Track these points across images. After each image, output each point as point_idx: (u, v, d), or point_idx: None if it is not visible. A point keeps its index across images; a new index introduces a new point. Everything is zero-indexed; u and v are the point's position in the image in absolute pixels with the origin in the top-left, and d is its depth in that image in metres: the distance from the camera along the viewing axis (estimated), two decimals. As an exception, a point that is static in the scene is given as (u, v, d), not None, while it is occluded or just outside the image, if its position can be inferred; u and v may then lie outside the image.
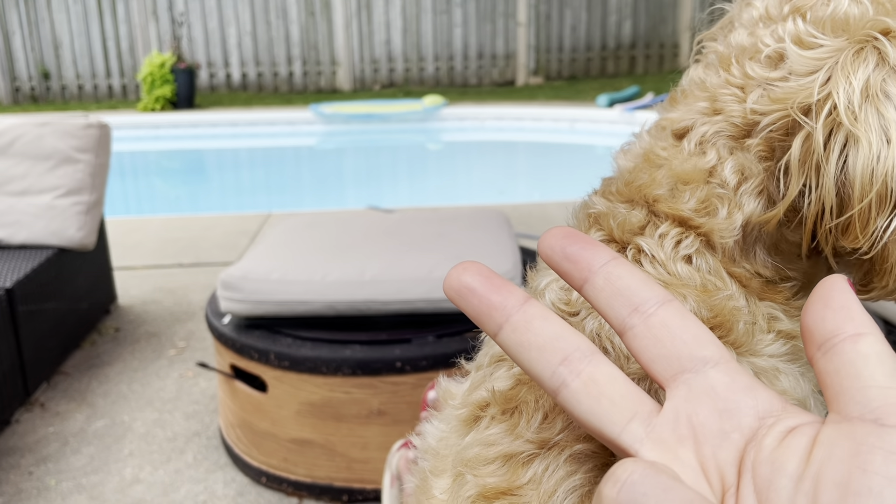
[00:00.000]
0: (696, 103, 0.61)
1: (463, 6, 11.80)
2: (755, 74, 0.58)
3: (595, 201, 0.62)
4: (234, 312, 2.17)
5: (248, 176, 8.51)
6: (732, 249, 0.58)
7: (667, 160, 0.60)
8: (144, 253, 4.42)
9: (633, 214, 0.58)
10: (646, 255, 0.56)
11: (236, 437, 2.29)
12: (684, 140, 0.61)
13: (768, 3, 0.60)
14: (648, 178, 0.60)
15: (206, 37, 11.50)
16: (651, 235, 0.57)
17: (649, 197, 0.59)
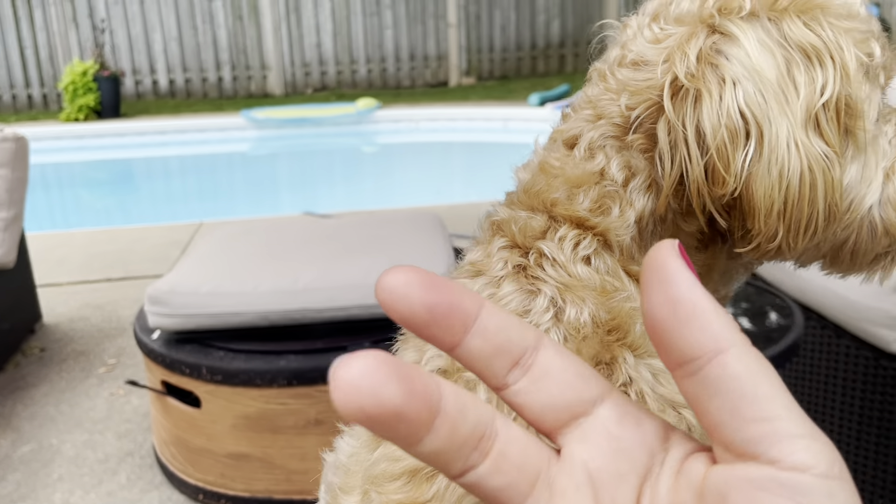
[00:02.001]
0: (581, 112, 0.64)
1: (393, 8, 11.77)
2: (623, 77, 0.62)
3: (498, 210, 0.64)
4: (164, 327, 2.11)
5: (179, 185, 8.31)
6: (630, 246, 0.60)
7: (561, 168, 0.63)
8: (70, 268, 4.27)
9: (534, 220, 0.60)
10: (547, 258, 0.58)
11: (171, 455, 2.23)
12: (575, 148, 0.63)
13: (637, 21, 0.66)
14: (546, 186, 0.62)
15: (130, 43, 11.18)
16: (552, 239, 0.59)
17: (547, 202, 0.61)
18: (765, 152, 0.55)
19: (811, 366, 2.16)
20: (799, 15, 0.58)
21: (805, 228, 0.57)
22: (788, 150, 0.55)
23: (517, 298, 0.56)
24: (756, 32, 0.57)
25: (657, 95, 0.59)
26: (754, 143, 0.55)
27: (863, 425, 1.98)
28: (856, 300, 1.98)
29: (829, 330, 2.09)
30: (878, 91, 0.63)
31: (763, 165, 0.55)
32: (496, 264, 0.59)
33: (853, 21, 0.61)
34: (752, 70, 0.56)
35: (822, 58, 0.57)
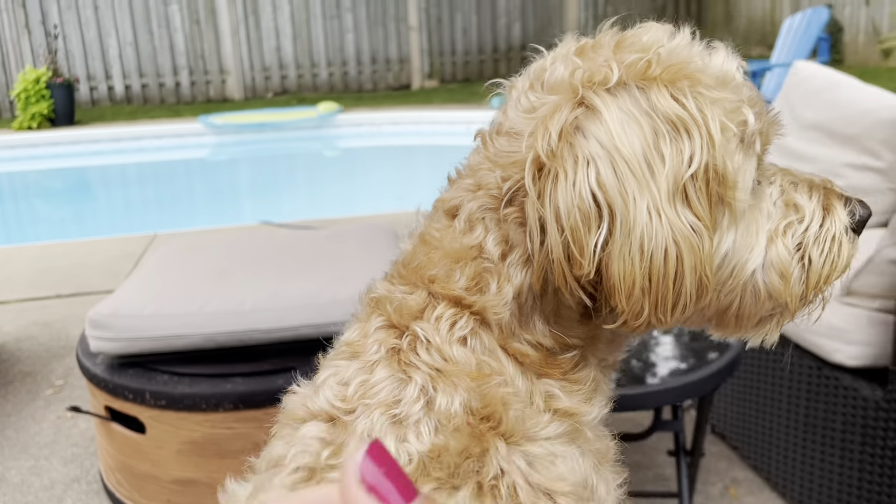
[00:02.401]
0: (464, 181, 0.63)
1: (353, 11, 11.71)
2: (498, 147, 0.62)
3: (377, 286, 0.63)
4: (106, 352, 2.06)
5: (136, 194, 8.17)
6: (510, 323, 0.59)
7: (440, 241, 0.62)
8: (19, 285, 4.16)
9: (412, 298, 0.59)
10: (421, 341, 0.57)
11: (117, 482, 2.18)
12: (455, 219, 0.62)
13: (521, 83, 0.65)
14: (426, 259, 0.60)
15: (85, 49, 10.97)
16: (428, 319, 0.58)
17: (426, 278, 0.60)
18: (619, 232, 0.54)
19: (757, 373, 2.19)
20: (668, 85, 0.57)
21: (673, 304, 0.56)
22: (650, 225, 0.54)
23: (388, 386, 0.55)
24: (621, 104, 0.56)
25: (523, 171, 0.58)
26: (607, 226, 0.54)
27: (808, 433, 2.01)
28: (798, 310, 2.01)
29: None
30: (754, 159, 0.62)
31: (617, 246, 0.54)
32: (371, 346, 0.58)
33: (725, 90, 0.60)
34: (611, 147, 0.55)
35: (689, 128, 0.56)
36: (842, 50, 10.48)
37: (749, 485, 2.21)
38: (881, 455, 1.79)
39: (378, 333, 0.59)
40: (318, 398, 0.57)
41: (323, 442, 0.54)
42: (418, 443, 0.53)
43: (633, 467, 2.31)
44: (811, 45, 6.87)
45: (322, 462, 0.53)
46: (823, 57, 7.22)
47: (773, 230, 0.64)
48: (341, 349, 0.61)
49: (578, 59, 0.61)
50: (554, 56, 0.65)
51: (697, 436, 1.86)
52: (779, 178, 0.67)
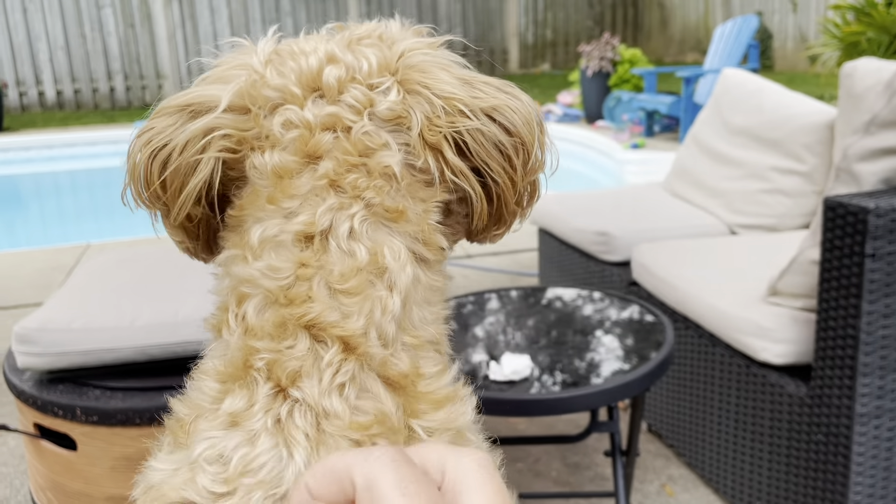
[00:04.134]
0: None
1: (293, 14, 11.62)
2: None
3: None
4: (34, 367, 1.99)
5: (70, 203, 7.92)
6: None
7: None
8: (-57, 299, 3.99)
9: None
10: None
11: (48, 501, 2.11)
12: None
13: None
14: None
15: (13, 53, 10.60)
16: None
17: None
18: None
19: (690, 372, 2.25)
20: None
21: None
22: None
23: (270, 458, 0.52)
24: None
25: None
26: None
27: (738, 429, 2.07)
28: (727, 310, 2.07)
29: (705, 339, 2.18)
30: None
31: None
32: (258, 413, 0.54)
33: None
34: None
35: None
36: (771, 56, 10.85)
37: (685, 482, 2.27)
38: (806, 449, 1.86)
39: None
40: (194, 484, 0.51)
41: None
42: None
43: (573, 468, 2.35)
44: (742, 51, 7.09)
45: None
46: (753, 63, 7.46)
47: None
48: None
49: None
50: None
51: (632, 436, 1.90)
52: None
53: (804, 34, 10.46)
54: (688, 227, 2.88)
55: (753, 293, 2.11)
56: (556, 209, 3.19)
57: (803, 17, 10.50)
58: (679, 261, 2.43)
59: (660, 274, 2.40)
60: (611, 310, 2.02)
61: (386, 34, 0.67)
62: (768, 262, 2.24)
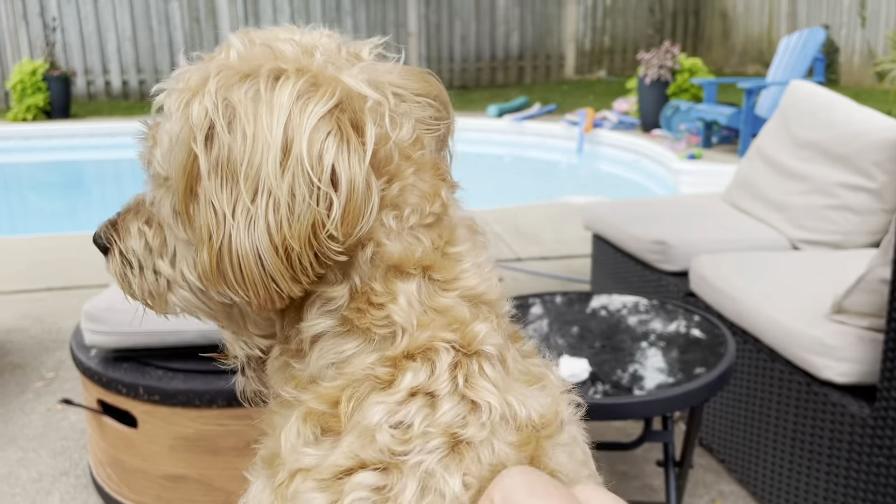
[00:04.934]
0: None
1: (353, 14, 11.74)
2: None
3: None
4: (100, 345, 2.06)
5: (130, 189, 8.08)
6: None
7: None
8: (10, 277, 4.15)
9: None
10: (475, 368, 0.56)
11: (106, 476, 2.18)
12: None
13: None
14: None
15: (83, 42, 10.95)
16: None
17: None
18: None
19: (747, 387, 2.21)
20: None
21: None
22: None
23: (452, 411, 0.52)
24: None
25: None
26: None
27: (795, 447, 2.03)
28: (790, 326, 2.03)
29: (764, 353, 2.14)
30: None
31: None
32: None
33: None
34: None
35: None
36: (837, 70, 10.58)
37: (735, 498, 2.23)
38: (866, 471, 1.81)
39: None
40: (375, 443, 0.51)
41: (379, 491, 0.50)
42: (492, 456, 0.51)
43: (621, 477, 2.33)
44: (807, 64, 6.93)
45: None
46: (819, 77, 7.29)
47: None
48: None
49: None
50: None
51: (687, 447, 1.88)
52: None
53: (872, 49, 10.17)
54: (748, 239, 2.83)
55: (817, 310, 2.06)
56: (611, 216, 3.16)
57: (872, 31, 10.21)
58: (740, 273, 2.39)
59: (719, 286, 2.37)
60: (670, 319, 2.00)
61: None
62: (832, 279, 2.19)
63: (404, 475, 0.50)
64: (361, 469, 0.50)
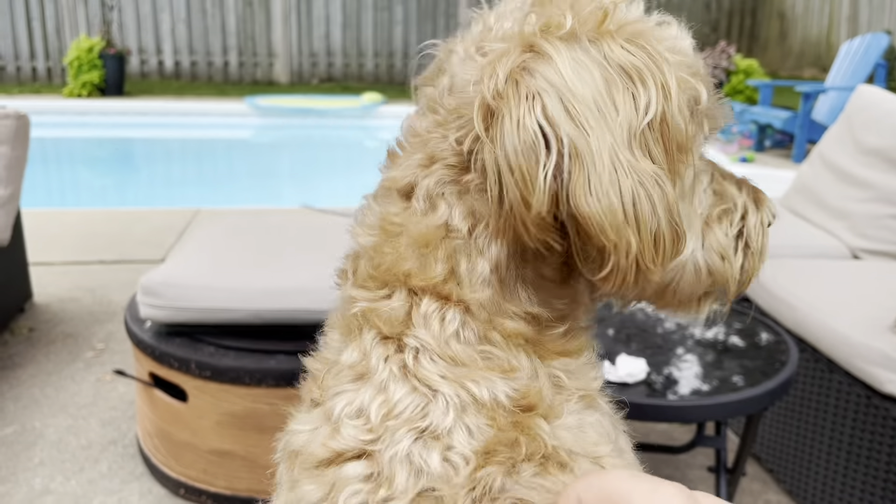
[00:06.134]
0: (412, 156, 0.60)
1: (404, 4, 11.75)
2: (449, 106, 0.58)
3: (354, 295, 0.59)
4: (155, 319, 2.09)
5: (179, 168, 8.27)
6: (493, 299, 0.57)
7: (403, 226, 0.58)
8: (64, 247, 4.24)
9: (395, 304, 0.56)
10: (422, 351, 0.55)
11: (154, 447, 2.21)
12: (413, 199, 0.59)
13: (465, 46, 0.61)
14: (394, 253, 0.58)
15: (139, 22, 11.14)
16: (419, 323, 0.56)
17: (401, 274, 0.57)
18: (585, 164, 0.51)
19: (801, 397, 2.16)
20: (623, 39, 0.55)
21: (655, 248, 0.53)
22: (612, 165, 0.51)
23: (412, 403, 0.53)
24: (572, 51, 0.54)
25: (480, 118, 0.54)
26: (558, 155, 0.51)
27: (850, 462, 1.97)
28: (850, 336, 1.98)
29: (821, 364, 2.08)
30: (702, 136, 0.62)
31: (586, 177, 0.51)
32: (377, 365, 0.55)
33: (680, 55, 0.59)
34: (560, 85, 0.52)
35: (643, 77, 0.54)
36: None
37: (783, 509, 2.18)
38: (927, 490, 1.75)
39: (378, 349, 0.56)
40: (340, 436, 0.53)
41: (369, 479, 0.52)
42: (468, 444, 0.51)
43: (665, 480, 2.29)
44: (868, 70, 6.74)
45: (379, 498, 0.51)
46: (880, 83, 7.08)
47: (707, 216, 0.65)
48: (343, 373, 0.57)
49: (531, 11, 0.58)
50: (501, 12, 0.62)
51: (741, 454, 1.84)
52: (709, 168, 0.68)
53: (936, 57, 9.84)
54: (806, 246, 2.76)
55: (879, 321, 2.00)
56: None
57: (937, 39, 9.89)
58: (799, 281, 2.33)
59: (777, 293, 2.31)
60: (730, 324, 1.96)
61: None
62: (895, 289, 2.13)
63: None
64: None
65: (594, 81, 0.53)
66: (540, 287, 0.59)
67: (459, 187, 0.57)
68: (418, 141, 0.61)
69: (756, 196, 0.70)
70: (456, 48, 0.62)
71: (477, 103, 0.53)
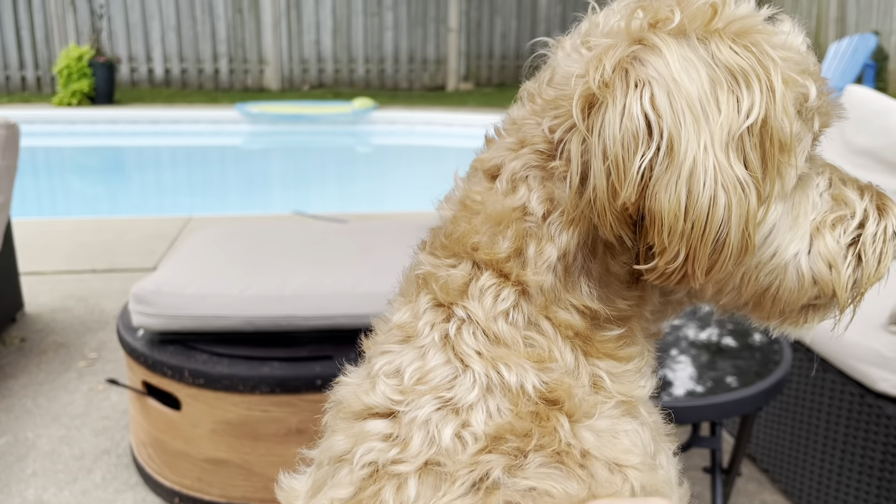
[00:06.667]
0: (505, 140, 0.62)
1: (394, 10, 11.76)
2: (547, 96, 0.60)
3: (422, 260, 0.61)
4: (147, 327, 2.08)
5: (170, 176, 8.25)
6: (554, 286, 0.57)
7: (482, 204, 0.60)
8: (55, 257, 4.22)
9: (457, 272, 0.58)
10: (468, 323, 0.56)
11: (148, 456, 2.20)
12: (497, 180, 0.60)
13: (571, 41, 0.63)
14: (468, 227, 0.59)
15: (128, 30, 11.11)
16: (473, 294, 0.57)
17: (469, 246, 0.59)
18: (668, 160, 0.51)
19: (796, 396, 2.16)
20: (731, 38, 0.55)
21: (711, 256, 0.53)
22: (702, 165, 0.51)
23: (443, 372, 0.55)
24: (681, 48, 0.54)
25: (580, 109, 0.55)
26: (656, 148, 0.51)
27: (845, 460, 1.98)
28: (844, 336, 1.98)
29: (815, 363, 2.09)
30: (810, 135, 0.60)
31: (666, 175, 0.51)
32: (423, 329, 0.57)
33: (790, 53, 0.58)
34: (669, 77, 0.52)
35: (749, 80, 0.54)
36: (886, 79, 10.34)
37: (778, 508, 2.18)
38: (921, 488, 1.76)
39: (428, 315, 0.58)
40: (374, 392, 0.56)
41: (388, 439, 0.54)
42: (482, 424, 0.53)
43: (661, 482, 2.29)
44: (857, 71, 6.79)
45: (388, 458, 0.53)
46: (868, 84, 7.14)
47: (819, 221, 0.63)
48: (392, 332, 0.60)
49: (638, 6, 0.59)
50: (609, 10, 0.63)
51: (736, 455, 1.84)
52: (827, 171, 0.66)
53: (923, 57, 9.91)
54: (798, 246, 2.77)
55: (872, 320, 2.01)
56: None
57: (924, 39, 9.95)
58: (791, 280, 2.34)
59: (769, 292, 2.32)
60: (723, 326, 1.96)
61: None
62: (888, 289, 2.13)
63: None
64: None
65: (700, 79, 0.53)
66: (605, 283, 0.59)
67: (544, 173, 0.58)
68: (513, 128, 0.62)
69: (881, 203, 0.67)
70: (564, 44, 0.64)
71: (578, 93, 0.55)
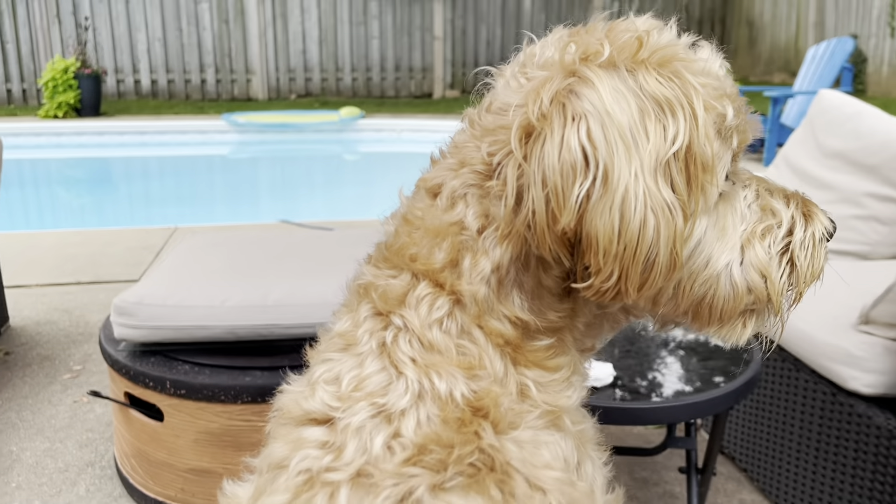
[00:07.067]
0: (447, 160, 0.66)
1: (380, 18, 11.80)
2: (485, 123, 0.64)
3: (364, 271, 0.65)
4: (129, 339, 2.10)
5: (157, 187, 8.24)
6: (487, 297, 0.61)
7: (422, 219, 0.64)
8: (40, 270, 4.22)
9: (396, 282, 0.61)
10: (404, 331, 0.59)
11: (131, 468, 2.21)
12: (438, 197, 0.65)
13: (510, 70, 0.67)
14: (408, 239, 0.63)
15: (114, 42, 11.10)
16: (410, 303, 0.60)
17: (408, 258, 0.62)
18: (602, 189, 0.55)
19: (770, 396, 2.20)
20: (656, 68, 0.59)
21: (642, 274, 0.57)
22: (633, 192, 0.55)
23: (377, 379, 0.58)
24: (611, 80, 0.58)
25: (517, 138, 0.59)
26: (592, 178, 0.55)
27: (819, 458, 2.02)
28: (814, 335, 2.02)
29: (788, 363, 2.13)
30: (729, 152, 0.64)
31: (606, 202, 0.55)
32: (362, 337, 0.60)
33: (708, 78, 0.62)
34: (602, 110, 0.56)
35: (674, 109, 0.58)
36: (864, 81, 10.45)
37: (756, 507, 2.22)
38: (892, 483, 1.80)
39: (367, 323, 0.61)
40: (313, 398, 0.59)
41: (324, 446, 0.56)
42: (412, 433, 0.55)
43: (641, 483, 2.32)
44: (835, 74, 6.86)
45: (323, 466, 0.55)
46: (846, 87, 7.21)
47: (749, 232, 0.66)
48: (333, 340, 0.63)
49: (570, 40, 0.63)
50: (544, 42, 0.67)
51: (710, 454, 1.87)
52: (753, 184, 0.70)
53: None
54: (774, 249, 2.81)
55: (843, 320, 2.05)
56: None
57: (903, 41, 10.07)
58: (765, 282, 2.37)
59: (744, 294, 2.36)
60: (694, 326, 1.99)
61: None
62: (859, 289, 2.17)
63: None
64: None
65: (630, 110, 0.57)
66: (537, 295, 0.62)
67: (481, 191, 0.62)
68: (455, 150, 0.67)
69: (807, 210, 0.70)
70: (504, 72, 0.68)
71: (517, 123, 0.58)
